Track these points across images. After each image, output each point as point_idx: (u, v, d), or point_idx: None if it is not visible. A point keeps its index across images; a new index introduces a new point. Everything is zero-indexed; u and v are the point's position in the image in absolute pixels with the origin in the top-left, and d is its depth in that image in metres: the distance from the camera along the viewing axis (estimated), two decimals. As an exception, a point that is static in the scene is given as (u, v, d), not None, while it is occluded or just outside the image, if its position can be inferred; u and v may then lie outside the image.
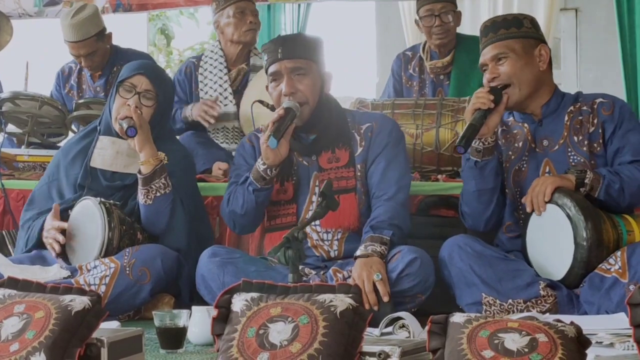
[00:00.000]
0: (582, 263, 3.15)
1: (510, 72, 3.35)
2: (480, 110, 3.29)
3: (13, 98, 4.73)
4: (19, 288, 2.40)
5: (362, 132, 3.49)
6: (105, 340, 2.28)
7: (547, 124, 3.41)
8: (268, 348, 2.13)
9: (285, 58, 3.39)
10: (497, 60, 3.38)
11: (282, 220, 3.47)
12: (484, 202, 3.41)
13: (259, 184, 3.39)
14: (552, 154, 3.39)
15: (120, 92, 3.71)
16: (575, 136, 3.37)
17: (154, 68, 3.89)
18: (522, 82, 3.36)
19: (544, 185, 3.24)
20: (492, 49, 3.38)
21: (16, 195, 4.26)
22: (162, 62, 11.34)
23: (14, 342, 2.22)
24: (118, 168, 3.76)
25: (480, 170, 3.36)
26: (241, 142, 3.68)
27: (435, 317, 2.16)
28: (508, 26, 3.40)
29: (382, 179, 3.43)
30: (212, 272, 3.35)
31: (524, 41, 3.39)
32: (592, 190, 3.24)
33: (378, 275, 3.18)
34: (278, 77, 3.41)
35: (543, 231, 3.27)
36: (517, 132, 3.46)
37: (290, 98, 3.36)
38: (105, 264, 3.50)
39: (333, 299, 2.20)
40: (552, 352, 2.00)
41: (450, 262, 3.30)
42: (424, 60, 4.88)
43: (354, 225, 3.42)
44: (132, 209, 3.72)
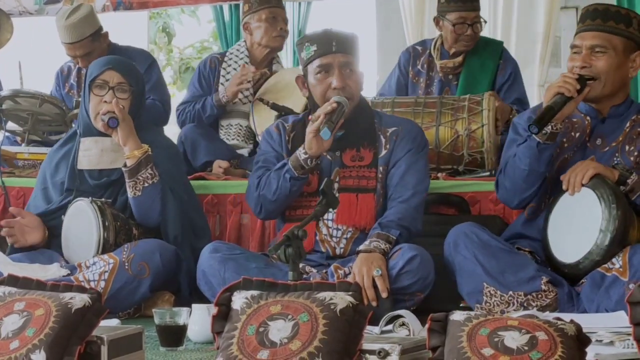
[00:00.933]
0: (602, 251, 3.12)
1: (604, 68, 3.28)
2: (563, 95, 3.21)
3: (13, 96, 4.73)
4: (19, 286, 2.40)
5: (387, 135, 3.49)
6: (105, 338, 2.29)
7: (609, 124, 3.37)
8: (268, 346, 2.13)
9: (339, 52, 3.39)
10: (594, 50, 3.30)
11: (303, 211, 3.45)
12: (530, 183, 3.34)
13: (297, 173, 3.38)
14: (600, 153, 3.35)
15: (93, 91, 3.72)
16: (628, 145, 3.34)
17: (121, 61, 3.88)
18: (609, 81, 3.30)
19: (587, 167, 3.21)
20: (594, 38, 3.30)
21: (16, 193, 4.26)
22: (163, 60, 11.33)
23: (14, 340, 2.22)
24: (105, 165, 3.77)
25: (539, 153, 3.27)
26: (267, 129, 3.66)
27: (435, 315, 2.16)
28: (618, 20, 3.30)
29: (400, 182, 3.43)
30: (213, 268, 3.35)
31: (626, 42, 3.31)
32: (632, 193, 3.21)
33: (378, 270, 3.18)
34: (328, 69, 3.40)
35: (571, 212, 3.24)
36: (577, 121, 3.40)
37: (340, 93, 3.37)
38: (104, 260, 3.51)
39: (333, 296, 2.21)
40: (551, 350, 2.00)
41: (455, 249, 3.29)
42: (434, 58, 4.85)
43: (369, 226, 3.42)
44: (123, 204, 3.73)
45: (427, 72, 4.86)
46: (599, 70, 3.28)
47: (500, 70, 4.71)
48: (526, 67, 6.84)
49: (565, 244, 3.26)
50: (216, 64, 4.87)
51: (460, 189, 4.01)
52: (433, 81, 4.84)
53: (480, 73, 4.71)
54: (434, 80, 4.83)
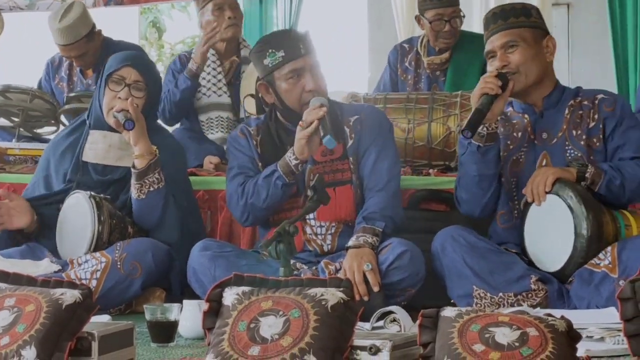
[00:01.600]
0: (582, 252, 3.15)
1: (521, 60, 3.33)
2: (488, 95, 3.26)
3: (4, 91, 4.72)
4: (10, 281, 2.39)
5: (350, 125, 3.49)
6: (96, 333, 2.28)
7: (547, 116, 3.41)
8: (259, 342, 2.13)
9: (307, 54, 3.38)
10: (506, 48, 3.35)
11: (286, 214, 3.42)
12: (484, 188, 3.38)
13: (287, 179, 3.36)
14: (550, 147, 3.39)
15: (109, 85, 3.69)
16: (574, 130, 3.37)
17: (141, 59, 3.87)
18: (530, 71, 3.35)
19: (545, 175, 3.24)
20: (503, 37, 3.36)
21: (7, 189, 4.24)
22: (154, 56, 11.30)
23: (4, 336, 2.21)
24: (110, 161, 3.75)
25: (482, 155, 3.32)
26: (232, 136, 3.63)
27: (426, 311, 2.16)
28: (518, 15, 3.38)
29: (373, 170, 3.43)
30: (204, 266, 3.35)
31: (533, 31, 3.38)
32: (593, 185, 3.24)
33: (368, 265, 3.18)
34: (299, 73, 3.38)
35: (543, 222, 3.27)
36: (517, 122, 3.45)
37: (315, 94, 3.35)
38: (96, 258, 3.50)
39: (324, 292, 2.20)
40: (542, 346, 2.00)
41: (443, 253, 3.30)
42: (420, 55, 4.86)
43: (350, 217, 3.42)
44: (123, 202, 3.71)
45: (415, 69, 4.87)
46: (517, 63, 3.34)
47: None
48: (517, 64, 6.86)
49: (545, 254, 3.28)
50: (186, 60, 4.84)
51: (452, 185, 3.98)
52: (421, 78, 4.85)
53: (468, 68, 4.72)
54: (422, 77, 4.84)
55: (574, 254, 3.17)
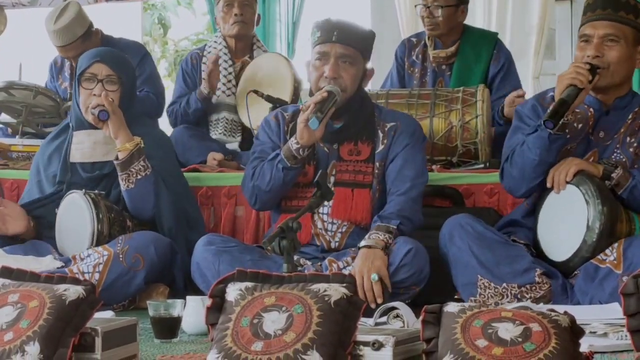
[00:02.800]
0: (591, 247, 3.14)
1: (616, 58, 3.27)
2: (575, 87, 3.20)
3: (7, 88, 4.72)
4: (13, 277, 2.39)
5: (386, 130, 3.48)
6: (100, 329, 2.28)
7: (612, 116, 3.36)
8: (262, 337, 2.13)
9: (338, 42, 3.38)
10: (605, 40, 3.28)
11: (298, 202, 3.44)
12: (538, 173, 3.32)
13: (289, 163, 3.37)
14: (602, 146, 3.35)
15: (83, 84, 3.72)
16: (629, 137, 3.33)
17: (110, 53, 3.87)
18: (619, 71, 3.29)
19: (569, 165, 3.22)
20: (607, 27, 3.28)
21: (10, 185, 4.26)
22: (157, 52, 11.31)
23: (8, 332, 2.22)
24: (98, 158, 3.77)
25: (550, 143, 3.26)
26: (265, 118, 3.65)
27: (429, 306, 2.16)
28: (628, 10, 3.30)
29: (397, 176, 3.43)
30: (207, 261, 3.35)
31: (636, 33, 3.31)
32: (618, 187, 3.22)
33: (374, 276, 3.16)
34: (325, 58, 3.39)
35: (558, 210, 3.26)
36: (580, 112, 3.37)
37: (331, 82, 3.36)
38: (99, 252, 3.51)
39: (327, 288, 2.21)
40: (545, 342, 2.00)
41: (450, 241, 3.29)
42: (427, 48, 4.86)
43: (365, 221, 3.42)
44: (116, 197, 3.73)
45: (422, 63, 4.86)
46: (610, 60, 3.28)
47: (493, 61, 4.71)
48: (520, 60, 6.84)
49: (555, 242, 3.27)
50: (197, 60, 4.85)
51: (455, 181, 4.00)
52: (427, 71, 4.84)
53: (474, 63, 4.71)
54: (428, 70, 4.84)
55: (582, 247, 3.16)
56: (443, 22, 4.71)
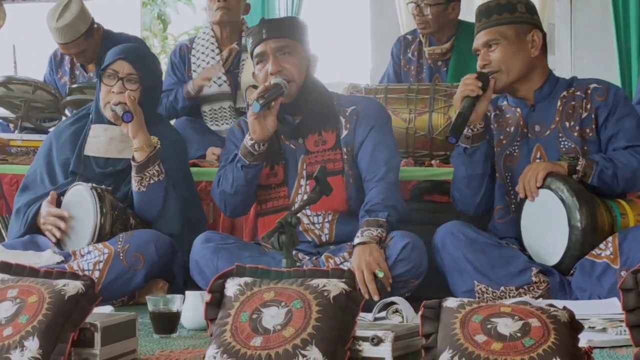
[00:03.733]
0: (578, 244, 3.15)
1: (501, 58, 3.34)
2: (469, 97, 3.28)
3: (6, 82, 4.72)
4: (12, 273, 2.39)
5: (347, 115, 3.48)
6: (99, 324, 2.28)
7: (540, 109, 3.40)
8: (261, 332, 2.13)
9: (269, 38, 3.37)
10: (488, 47, 3.37)
11: (273, 203, 3.47)
12: (474, 188, 3.41)
13: (247, 160, 3.37)
14: (543, 139, 3.38)
15: (104, 80, 3.70)
16: (567, 122, 3.36)
17: (135, 51, 3.85)
18: (511, 68, 3.35)
19: (536, 170, 3.24)
20: (484, 35, 3.38)
21: (9, 180, 4.25)
22: (157, 47, 11.30)
23: (7, 327, 2.22)
24: (112, 154, 3.75)
25: (469, 157, 3.36)
26: (231, 128, 3.67)
27: (429, 302, 2.16)
28: (501, 11, 3.37)
29: (371, 161, 3.42)
30: (206, 258, 3.35)
31: (516, 27, 3.37)
32: (585, 177, 3.23)
33: (380, 272, 3.17)
34: (264, 57, 3.39)
35: (537, 217, 3.27)
36: (510, 116, 3.46)
37: (277, 76, 3.35)
38: (99, 249, 3.50)
39: (326, 283, 2.21)
40: (544, 337, 2.00)
41: (443, 249, 3.30)
42: (423, 45, 4.87)
43: (342, 207, 3.42)
44: (125, 194, 3.72)
45: (418, 60, 4.88)
46: (497, 62, 3.35)
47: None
48: (520, 55, 6.84)
49: (542, 248, 3.28)
50: (185, 52, 4.85)
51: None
52: (423, 68, 4.86)
53: (469, 58, 4.71)
54: (424, 67, 4.85)
55: (570, 246, 3.17)
56: (433, 20, 4.73)
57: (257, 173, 3.43)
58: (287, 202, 3.43)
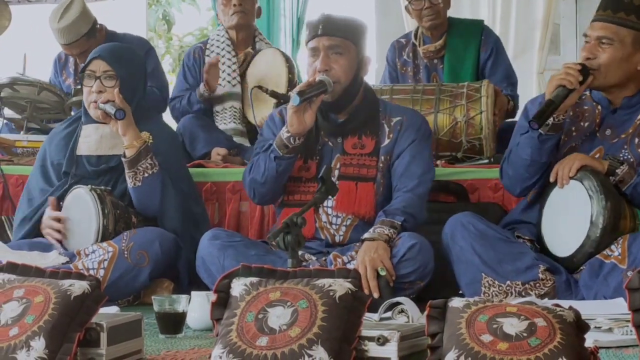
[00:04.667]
0: (594, 242, 3.13)
1: (606, 61, 3.24)
2: (565, 88, 3.20)
3: (12, 84, 4.73)
4: (18, 273, 2.40)
5: (392, 125, 3.48)
6: (105, 324, 2.29)
7: (620, 115, 3.33)
8: (267, 332, 2.13)
9: (324, 35, 3.38)
10: (600, 41, 3.26)
11: (301, 197, 3.45)
12: (532, 172, 3.34)
13: (281, 152, 3.37)
14: (608, 144, 3.32)
15: (84, 82, 3.74)
16: (638, 137, 3.30)
17: (110, 48, 3.86)
18: (611, 73, 3.26)
19: (573, 160, 3.21)
20: (601, 29, 3.26)
21: (15, 181, 4.26)
22: (162, 48, 11.31)
23: (13, 327, 2.22)
24: (104, 151, 3.77)
25: (541, 143, 3.27)
26: (271, 114, 3.66)
27: (434, 301, 2.16)
28: (629, 11, 3.25)
29: (404, 172, 3.42)
30: (212, 255, 3.35)
31: (636, 34, 3.26)
32: (622, 183, 3.20)
33: (382, 270, 3.16)
34: (315, 53, 3.39)
35: (562, 206, 3.25)
36: (588, 109, 3.38)
37: (324, 74, 3.35)
38: (104, 248, 3.51)
39: (332, 283, 2.21)
40: (550, 337, 2.00)
41: (452, 240, 3.28)
42: (417, 46, 4.88)
43: (368, 215, 3.42)
44: (122, 192, 3.73)
45: (413, 61, 4.90)
46: (601, 62, 3.25)
47: (482, 47, 4.75)
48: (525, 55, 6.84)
49: (558, 237, 3.27)
50: (200, 54, 4.87)
51: (460, 176, 4.01)
52: (419, 68, 4.87)
53: (463, 53, 4.73)
54: (420, 67, 4.87)
55: (586, 243, 3.15)
56: (444, 8, 4.74)
57: (290, 166, 3.43)
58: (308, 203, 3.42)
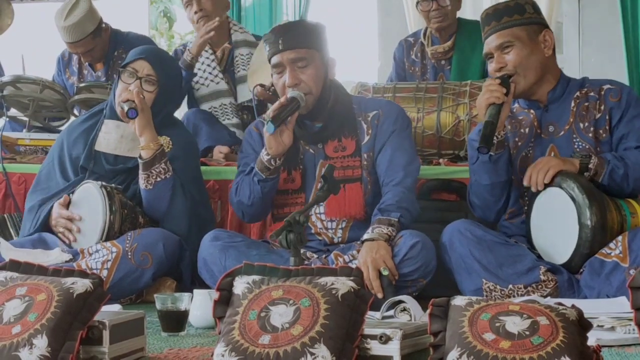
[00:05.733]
0: (588, 243, 3.14)
1: (517, 61, 3.32)
2: (495, 105, 3.25)
3: (14, 82, 4.73)
4: (21, 271, 2.40)
5: (369, 120, 3.48)
6: (107, 322, 2.29)
7: (553, 109, 3.40)
8: (269, 330, 2.13)
9: (286, 49, 3.36)
10: (502, 50, 3.34)
11: (290, 209, 3.46)
12: (497, 195, 3.39)
13: (263, 175, 3.38)
14: (557, 139, 3.38)
15: (122, 78, 3.71)
16: (581, 122, 3.36)
17: (157, 53, 3.88)
18: (528, 70, 3.33)
19: (547, 165, 3.23)
20: (497, 38, 3.35)
21: (18, 179, 4.26)
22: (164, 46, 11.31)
23: (16, 325, 2.22)
24: (122, 152, 3.76)
25: (494, 164, 3.32)
26: (248, 129, 3.67)
27: (437, 300, 2.16)
28: (511, 13, 3.36)
29: (389, 165, 3.42)
30: (214, 256, 3.35)
31: (528, 28, 3.35)
32: (596, 175, 3.23)
33: (385, 269, 3.17)
34: (281, 68, 3.38)
35: (547, 215, 3.27)
36: (523, 118, 3.45)
37: (294, 89, 3.35)
38: (107, 248, 3.51)
39: (335, 281, 2.21)
40: (553, 335, 2.00)
41: (451, 247, 3.29)
42: (425, 46, 4.88)
43: (359, 215, 3.42)
44: (134, 192, 3.72)
45: (421, 61, 4.90)
46: (513, 64, 3.32)
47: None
48: (528, 53, 6.82)
49: (551, 246, 3.28)
50: (181, 56, 4.86)
51: (462, 174, 4.01)
52: (427, 68, 4.88)
53: (471, 54, 4.74)
54: (428, 67, 4.88)
55: (580, 245, 3.16)
56: (452, 10, 4.75)
57: (274, 186, 3.44)
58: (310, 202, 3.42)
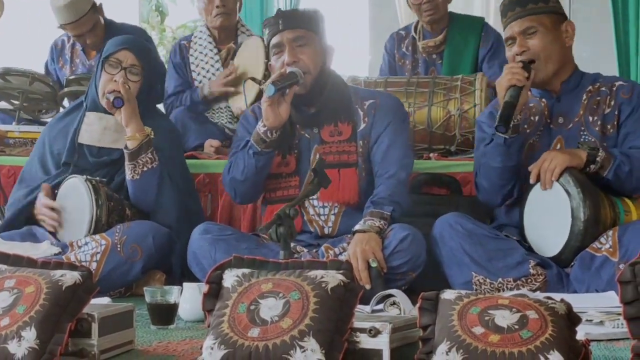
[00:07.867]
0: (579, 236, 3.15)
1: (540, 46, 3.33)
2: (516, 87, 3.24)
3: (3, 74, 4.72)
4: (10, 263, 2.39)
5: (365, 108, 3.49)
6: (96, 315, 2.28)
7: (565, 100, 3.40)
8: (259, 324, 2.13)
9: (286, 29, 3.39)
10: (526, 34, 3.34)
11: (283, 192, 3.47)
12: (506, 179, 3.37)
13: (259, 147, 3.38)
14: (565, 131, 3.38)
15: (106, 68, 3.70)
16: (591, 116, 3.36)
17: (139, 43, 3.86)
18: (550, 57, 3.34)
19: (555, 162, 3.21)
20: (522, 23, 3.34)
21: (7, 172, 4.26)
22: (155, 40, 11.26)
23: (4, 317, 2.22)
24: (105, 143, 3.75)
25: (508, 148, 3.31)
26: (244, 113, 3.67)
27: (426, 293, 2.16)
28: (536, 1, 3.36)
29: (384, 157, 3.43)
30: (204, 249, 3.35)
31: (552, 16, 3.38)
32: (602, 169, 3.22)
33: (374, 261, 3.17)
34: (280, 48, 3.40)
35: (541, 207, 3.27)
36: (534, 105, 3.43)
37: (293, 67, 3.36)
38: (96, 240, 3.50)
39: (324, 275, 2.20)
40: (542, 329, 2.00)
41: (442, 241, 3.30)
42: (416, 40, 4.88)
43: (353, 200, 3.43)
44: (119, 184, 3.72)
45: (412, 54, 4.90)
46: (536, 50, 3.33)
47: (482, 44, 4.75)
48: (519, 49, 6.83)
49: (543, 238, 3.28)
50: (185, 50, 4.86)
51: (452, 169, 4.01)
52: (418, 62, 4.87)
53: (463, 49, 4.74)
54: (419, 61, 4.87)
55: (571, 238, 3.17)
56: (443, 3, 4.74)
57: (269, 161, 3.43)
58: (297, 192, 3.43)
